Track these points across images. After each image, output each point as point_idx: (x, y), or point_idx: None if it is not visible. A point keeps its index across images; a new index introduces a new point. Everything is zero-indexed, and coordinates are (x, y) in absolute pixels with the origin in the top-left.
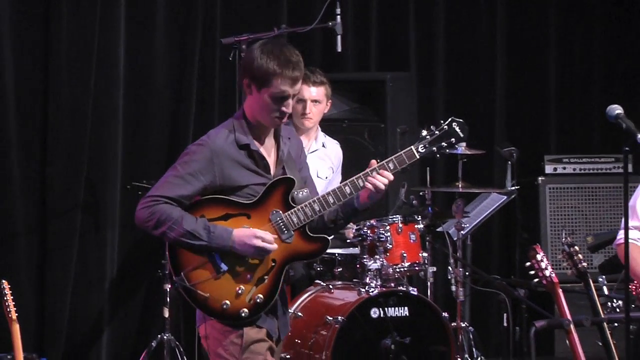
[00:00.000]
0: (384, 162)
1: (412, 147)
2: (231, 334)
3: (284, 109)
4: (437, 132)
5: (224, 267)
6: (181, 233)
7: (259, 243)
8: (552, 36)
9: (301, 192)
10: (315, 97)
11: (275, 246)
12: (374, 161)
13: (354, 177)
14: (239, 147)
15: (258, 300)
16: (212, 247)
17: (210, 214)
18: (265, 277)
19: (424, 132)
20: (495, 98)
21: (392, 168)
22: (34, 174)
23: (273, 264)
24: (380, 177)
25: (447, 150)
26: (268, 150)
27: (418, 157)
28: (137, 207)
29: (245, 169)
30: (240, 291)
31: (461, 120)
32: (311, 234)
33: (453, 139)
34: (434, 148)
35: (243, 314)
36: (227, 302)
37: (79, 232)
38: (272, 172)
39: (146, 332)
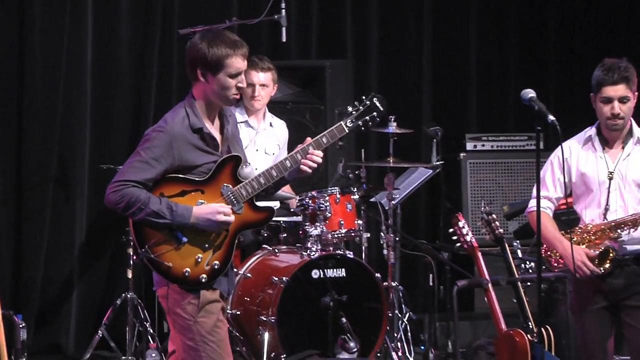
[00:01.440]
0: (318, 137)
1: (341, 122)
2: (189, 295)
3: (239, 84)
4: (361, 107)
5: (184, 239)
6: (148, 213)
7: (221, 218)
8: (472, 27)
9: (245, 167)
10: (263, 81)
11: (233, 218)
12: (309, 138)
13: (293, 152)
14: (193, 131)
15: (215, 267)
16: (175, 224)
17: (168, 192)
18: (220, 245)
19: (350, 109)
20: (422, 83)
21: (325, 142)
22: (11, 151)
23: (226, 233)
24: (314, 158)
25: (371, 124)
26: (216, 130)
27: (347, 131)
28: (107, 191)
29: (199, 150)
30: (199, 259)
31: (380, 95)
32: (258, 205)
33: (375, 113)
34: (360, 122)
35: (203, 279)
36: (188, 269)
37: (51, 203)
38: (220, 149)
39: (111, 291)
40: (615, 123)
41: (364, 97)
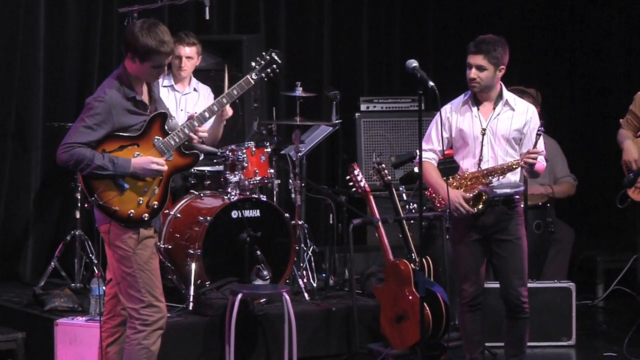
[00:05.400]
0: (229, 89)
1: (247, 76)
2: (130, 231)
3: (161, 72)
4: (262, 61)
5: (125, 186)
6: (94, 167)
7: (155, 167)
8: (364, 7)
9: (171, 120)
10: (189, 54)
11: (165, 166)
12: (194, 114)
13: (209, 105)
14: (127, 99)
15: (155, 206)
16: (117, 174)
17: (109, 147)
18: (156, 188)
19: (253, 63)
20: (323, 54)
21: (236, 94)
22: None
23: (161, 177)
24: (200, 134)
25: (272, 75)
26: (145, 94)
27: (252, 82)
28: (58, 152)
29: (132, 114)
30: (140, 202)
31: (277, 50)
32: (185, 151)
33: (274, 65)
34: (263, 74)
35: (145, 218)
36: (132, 211)
37: (10, 154)
38: (148, 110)
39: (62, 229)
40: (472, 85)
41: (264, 53)
